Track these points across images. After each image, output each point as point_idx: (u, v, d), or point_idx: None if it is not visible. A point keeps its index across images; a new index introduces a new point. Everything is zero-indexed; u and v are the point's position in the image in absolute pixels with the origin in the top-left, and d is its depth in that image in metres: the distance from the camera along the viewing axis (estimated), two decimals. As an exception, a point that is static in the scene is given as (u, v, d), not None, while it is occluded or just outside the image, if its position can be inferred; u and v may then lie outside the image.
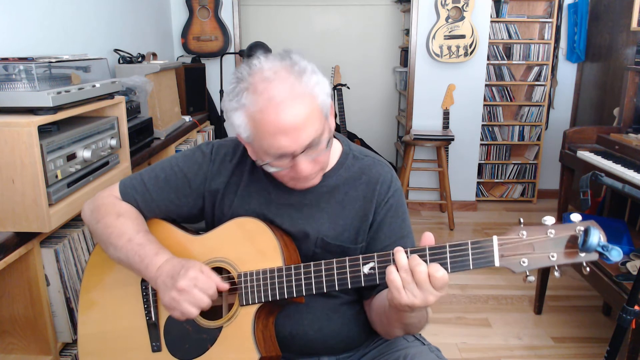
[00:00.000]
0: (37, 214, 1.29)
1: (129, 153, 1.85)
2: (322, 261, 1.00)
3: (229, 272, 1.08)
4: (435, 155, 3.98)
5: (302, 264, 1.02)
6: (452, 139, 3.68)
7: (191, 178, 1.15)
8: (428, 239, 0.92)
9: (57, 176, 1.37)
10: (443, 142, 3.68)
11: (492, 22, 3.89)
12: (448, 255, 0.90)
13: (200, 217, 1.20)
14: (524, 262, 0.87)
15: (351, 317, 1.16)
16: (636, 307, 1.46)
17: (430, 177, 4.08)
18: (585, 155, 2.47)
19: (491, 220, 3.96)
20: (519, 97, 4.24)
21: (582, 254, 0.84)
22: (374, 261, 0.96)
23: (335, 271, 0.99)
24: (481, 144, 4.12)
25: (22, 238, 1.31)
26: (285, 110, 0.93)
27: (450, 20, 3.68)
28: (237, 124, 0.98)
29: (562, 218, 2.46)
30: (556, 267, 0.87)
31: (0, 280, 1.36)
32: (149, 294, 1.13)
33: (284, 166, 0.99)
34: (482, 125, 4.05)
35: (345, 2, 4.85)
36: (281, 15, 4.87)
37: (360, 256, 0.98)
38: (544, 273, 2.61)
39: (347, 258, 0.99)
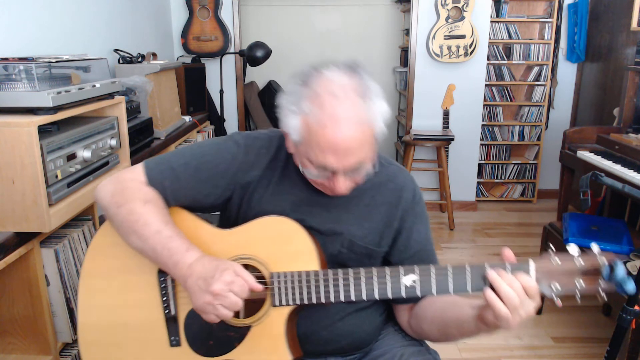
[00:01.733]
0: (37, 214, 1.29)
1: (129, 153, 1.85)
2: (362, 268, 1.00)
3: (257, 271, 1.05)
4: (435, 155, 3.98)
5: (340, 270, 1.01)
6: (452, 139, 3.68)
7: (224, 168, 1.10)
8: (508, 256, 0.95)
9: (57, 176, 1.37)
10: (443, 142, 3.68)
11: (492, 22, 3.89)
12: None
13: (220, 209, 1.16)
14: (555, 287, 0.94)
15: (364, 319, 1.16)
16: (636, 307, 1.46)
17: (430, 177, 4.08)
18: (585, 155, 2.47)
19: (491, 220, 3.96)
20: (519, 97, 4.24)
21: (602, 283, 0.93)
22: (416, 273, 0.97)
23: (375, 279, 0.99)
24: (481, 144, 4.12)
25: (22, 238, 1.31)
26: (343, 131, 0.92)
27: (450, 20, 3.68)
28: (291, 125, 0.97)
29: (562, 218, 2.46)
30: (579, 294, 0.94)
31: (0, 280, 1.36)
32: (168, 286, 1.08)
33: (322, 177, 1.00)
34: (482, 125, 4.05)
35: (345, 2, 4.85)
36: (281, 15, 4.87)
37: (401, 267, 0.98)
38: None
39: (386, 267, 0.99)
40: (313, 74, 0.97)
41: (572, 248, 0.95)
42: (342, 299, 1.00)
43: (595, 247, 0.94)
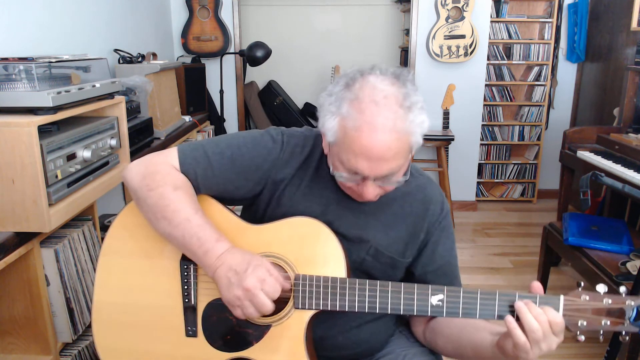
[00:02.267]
0: (37, 214, 1.29)
1: (129, 153, 1.85)
2: (390, 282, 0.99)
3: (283, 271, 1.04)
4: (435, 155, 3.98)
5: (367, 280, 1.00)
6: (452, 139, 3.68)
7: (259, 162, 1.08)
8: (537, 288, 0.95)
9: (57, 176, 1.37)
10: (443, 142, 3.68)
11: (492, 22, 3.89)
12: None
13: (248, 203, 1.15)
14: (582, 324, 0.94)
15: (380, 327, 1.16)
16: (636, 307, 1.46)
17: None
18: (585, 155, 2.47)
19: (491, 220, 3.96)
20: (519, 97, 4.24)
21: (626, 325, 0.93)
22: (444, 294, 0.97)
23: (402, 295, 0.98)
24: (481, 144, 4.12)
25: (22, 238, 1.31)
26: (379, 139, 0.91)
27: (450, 20, 3.68)
28: (328, 126, 0.96)
29: (562, 218, 2.46)
30: (602, 332, 0.95)
31: (0, 280, 1.36)
32: (190, 275, 1.06)
33: (352, 181, 0.99)
34: (482, 125, 4.05)
35: (345, 2, 4.85)
36: (281, 15, 4.88)
37: (430, 286, 0.98)
38: (544, 275, 2.61)
39: (415, 285, 0.99)
40: (358, 78, 0.96)
41: (600, 287, 0.94)
42: (366, 309, 1.00)
43: (623, 288, 0.95)
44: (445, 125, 3.88)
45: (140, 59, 2.59)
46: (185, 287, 1.06)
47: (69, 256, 1.48)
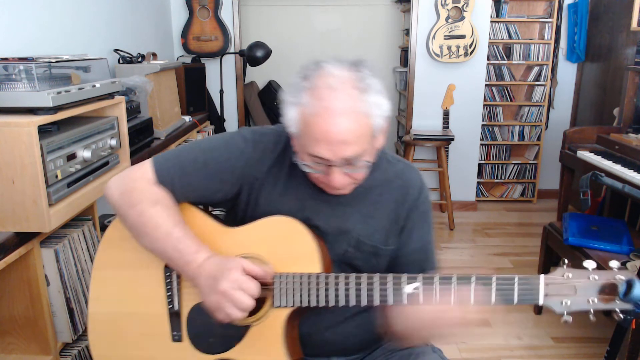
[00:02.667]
0: (37, 214, 1.29)
1: (129, 153, 1.85)
2: (364, 274, 1.00)
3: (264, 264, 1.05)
4: (435, 155, 3.98)
5: (342, 274, 1.00)
6: (452, 139, 3.68)
7: (232, 164, 1.10)
8: None
9: (57, 176, 1.37)
10: (443, 142, 3.68)
11: (492, 22, 3.89)
12: (494, 287, 0.93)
13: (230, 204, 1.16)
14: (566, 303, 0.90)
15: (368, 321, 1.15)
16: (636, 307, 1.46)
17: (430, 177, 4.08)
18: (585, 155, 2.47)
19: (491, 220, 3.96)
20: (519, 97, 4.24)
21: (618, 302, 0.88)
22: (419, 282, 0.96)
23: (377, 286, 0.99)
24: (481, 144, 4.12)
25: (22, 238, 1.31)
26: (337, 122, 0.93)
27: (450, 20, 3.68)
28: (289, 117, 0.99)
29: (562, 218, 2.46)
30: (592, 311, 0.90)
31: (0, 280, 1.36)
32: (173, 281, 1.09)
33: (318, 170, 1.00)
34: (482, 125, 4.05)
35: (345, 2, 4.85)
36: (281, 15, 4.87)
37: (405, 274, 0.98)
38: (544, 272, 2.61)
39: (390, 274, 0.98)
40: (314, 68, 0.98)
41: (589, 263, 0.90)
42: (342, 303, 1.00)
43: (614, 263, 0.90)
44: (445, 125, 3.88)
45: (140, 59, 2.59)
46: (169, 293, 1.10)
47: (69, 256, 1.48)
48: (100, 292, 1.13)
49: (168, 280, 1.09)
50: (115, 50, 2.57)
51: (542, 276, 0.91)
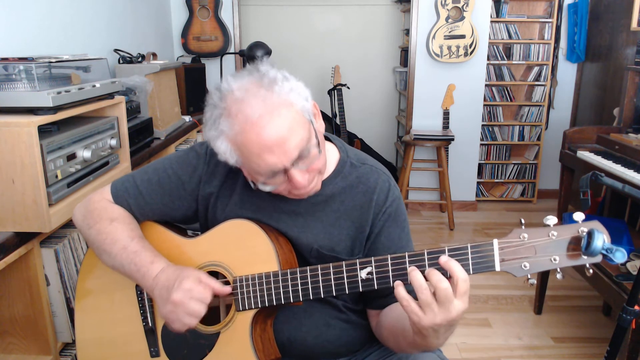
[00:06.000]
0: (37, 214, 1.29)
1: (129, 153, 1.85)
2: (319, 265, 0.98)
3: (224, 277, 1.06)
4: (435, 155, 3.98)
5: (298, 269, 1.00)
6: (452, 139, 3.68)
7: (185, 181, 1.11)
8: None
9: (57, 176, 1.37)
10: (443, 142, 3.68)
11: (492, 22, 3.89)
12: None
13: (194, 220, 1.18)
14: (525, 266, 0.84)
15: (350, 323, 1.14)
16: (636, 307, 1.46)
17: (430, 177, 4.08)
18: (585, 155, 2.47)
19: (491, 220, 3.96)
20: (519, 97, 4.24)
21: (585, 257, 0.82)
22: (372, 266, 0.93)
23: (332, 276, 0.97)
24: (481, 144, 4.12)
25: (22, 238, 1.31)
26: (264, 126, 0.89)
27: (450, 20, 3.68)
28: (222, 151, 0.95)
29: (562, 218, 2.46)
30: (558, 270, 0.84)
31: (0, 280, 1.36)
32: (145, 299, 1.12)
33: (279, 183, 0.97)
34: (482, 125, 4.05)
35: (345, 2, 4.85)
36: (281, 15, 4.87)
37: (358, 260, 0.95)
38: (544, 273, 2.61)
39: (344, 262, 0.96)
40: (215, 94, 0.95)
41: (549, 219, 0.84)
42: (301, 298, 1.00)
43: (578, 215, 0.83)
44: (445, 125, 3.88)
45: (140, 59, 2.59)
46: (142, 311, 1.13)
47: (69, 256, 1.48)
48: (84, 320, 1.18)
49: (140, 299, 1.13)
50: (115, 50, 2.57)
51: (495, 240, 0.85)
